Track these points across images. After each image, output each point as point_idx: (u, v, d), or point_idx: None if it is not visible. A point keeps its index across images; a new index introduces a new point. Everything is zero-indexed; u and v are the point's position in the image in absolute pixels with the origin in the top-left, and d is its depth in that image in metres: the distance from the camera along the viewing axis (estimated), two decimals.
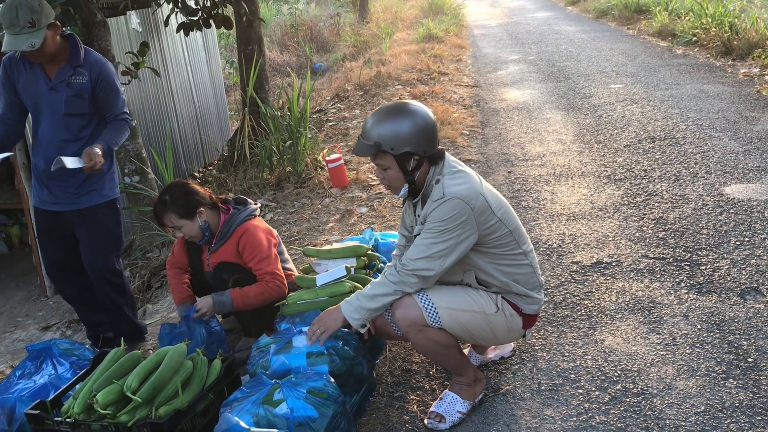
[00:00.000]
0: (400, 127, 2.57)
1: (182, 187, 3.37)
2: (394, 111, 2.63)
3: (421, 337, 2.65)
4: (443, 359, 2.77)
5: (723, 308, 3.31)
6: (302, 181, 6.45)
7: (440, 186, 2.60)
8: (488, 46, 13.99)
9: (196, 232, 3.32)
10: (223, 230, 3.34)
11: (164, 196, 3.30)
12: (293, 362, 2.73)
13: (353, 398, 2.81)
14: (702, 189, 4.83)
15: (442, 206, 2.55)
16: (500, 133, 7.11)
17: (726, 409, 2.62)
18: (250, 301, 3.22)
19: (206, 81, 9.23)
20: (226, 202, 3.45)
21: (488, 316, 2.70)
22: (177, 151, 8.07)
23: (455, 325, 2.65)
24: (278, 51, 16.89)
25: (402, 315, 2.63)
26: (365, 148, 2.61)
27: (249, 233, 3.30)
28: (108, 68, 3.46)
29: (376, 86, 10.30)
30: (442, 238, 2.55)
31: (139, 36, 7.38)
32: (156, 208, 3.31)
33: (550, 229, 4.48)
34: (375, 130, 2.59)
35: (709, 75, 8.64)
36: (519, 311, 2.78)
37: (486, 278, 2.73)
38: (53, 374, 3.20)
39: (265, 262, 3.27)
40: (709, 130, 6.21)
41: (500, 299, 2.74)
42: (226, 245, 3.34)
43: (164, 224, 3.33)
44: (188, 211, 3.28)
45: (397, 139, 2.57)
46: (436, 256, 2.57)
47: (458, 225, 2.55)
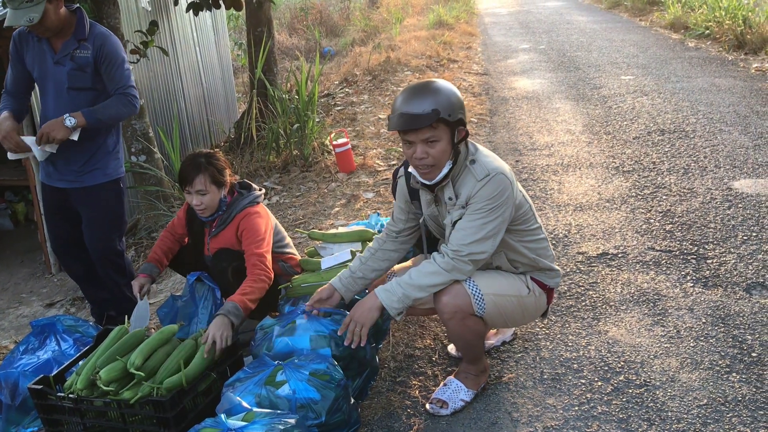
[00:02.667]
0: (449, 93, 2.45)
1: (216, 156, 3.33)
2: (432, 83, 2.50)
3: (462, 325, 2.59)
4: (471, 348, 2.72)
5: (728, 302, 3.30)
6: (309, 165, 6.43)
7: (479, 165, 2.52)
8: (499, 35, 13.91)
9: (215, 202, 3.27)
10: (225, 215, 3.31)
11: (199, 159, 3.23)
12: (297, 344, 2.73)
13: (355, 382, 2.80)
14: (710, 183, 4.80)
15: (489, 183, 2.48)
16: (509, 121, 7.08)
17: (729, 402, 2.61)
18: (253, 296, 3.06)
19: (214, 62, 9.19)
20: (232, 186, 3.43)
21: (522, 298, 2.70)
22: (184, 132, 8.05)
23: (495, 312, 2.62)
24: (287, 34, 16.83)
25: (449, 301, 2.55)
26: (422, 117, 2.40)
27: (249, 218, 3.26)
28: (111, 40, 3.41)
29: (385, 72, 10.25)
30: (491, 217, 2.49)
31: (148, 15, 7.35)
32: (188, 168, 3.21)
33: (556, 219, 4.46)
34: (427, 98, 2.42)
35: (720, 69, 8.57)
36: (544, 288, 2.78)
37: (516, 257, 2.70)
38: (57, 350, 3.21)
39: (255, 244, 3.18)
40: (719, 124, 6.17)
41: (529, 280, 2.74)
42: (227, 230, 3.31)
43: (193, 184, 3.23)
44: (220, 178, 3.25)
45: (453, 105, 2.44)
46: (487, 237, 2.50)
47: (505, 201, 2.50)
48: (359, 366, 2.82)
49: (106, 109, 3.38)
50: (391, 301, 2.54)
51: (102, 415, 2.68)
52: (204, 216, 3.32)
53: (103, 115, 3.37)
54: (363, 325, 2.57)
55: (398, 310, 2.55)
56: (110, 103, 3.39)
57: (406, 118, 2.43)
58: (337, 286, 2.82)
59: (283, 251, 3.55)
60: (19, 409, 3.06)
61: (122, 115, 3.46)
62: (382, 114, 7.95)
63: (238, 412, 2.33)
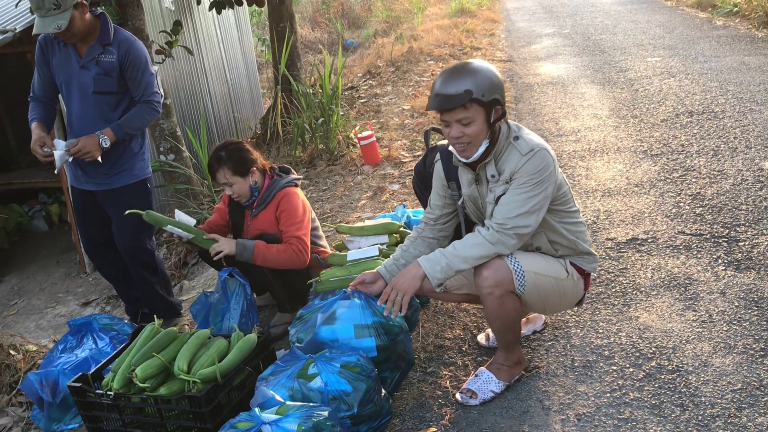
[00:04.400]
0: (486, 73, 2.48)
1: (238, 144, 3.48)
2: (469, 64, 2.53)
3: (499, 303, 2.59)
4: (507, 330, 2.70)
5: (762, 285, 3.25)
6: (334, 159, 6.46)
7: (523, 141, 2.54)
8: (522, 20, 13.79)
9: (245, 190, 3.39)
10: (264, 195, 3.41)
11: (220, 152, 3.38)
12: (341, 333, 2.74)
13: (394, 374, 2.83)
14: (741, 164, 4.73)
15: (534, 158, 2.50)
16: (534, 108, 7.03)
17: (764, 386, 2.58)
18: (272, 256, 3.23)
19: (239, 59, 9.26)
20: (272, 170, 3.52)
21: (560, 281, 2.71)
22: (211, 129, 8.13)
23: (535, 291, 2.63)
24: (310, 28, 16.86)
25: (490, 275, 2.56)
26: (454, 98, 2.43)
27: (287, 197, 3.38)
28: (137, 46, 3.47)
29: (407, 62, 10.24)
30: (536, 191, 2.51)
31: (172, 15, 7.42)
32: (211, 162, 3.41)
33: (584, 205, 4.43)
34: (462, 79, 2.45)
35: (750, 47, 8.40)
36: (582, 272, 2.78)
37: (556, 238, 2.71)
38: (94, 348, 3.29)
39: (296, 227, 3.31)
40: (749, 104, 6.06)
41: (568, 264, 2.74)
42: (267, 210, 3.42)
43: (217, 179, 3.40)
44: (242, 168, 3.36)
45: (487, 86, 2.46)
46: (532, 211, 2.51)
47: (548, 175, 2.52)
48: (398, 359, 2.84)
49: (132, 121, 3.48)
50: (434, 271, 2.56)
51: (140, 411, 2.75)
52: (241, 202, 3.44)
53: (130, 128, 3.48)
54: (405, 293, 2.58)
55: (440, 281, 2.57)
56: (135, 114, 3.47)
57: (440, 98, 2.48)
58: (382, 273, 2.85)
59: (316, 243, 3.60)
60: (60, 407, 3.15)
61: (147, 123, 3.56)
62: (406, 105, 7.95)
63: (271, 405, 2.37)
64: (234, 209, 3.59)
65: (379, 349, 2.72)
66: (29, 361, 3.72)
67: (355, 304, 2.80)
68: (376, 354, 2.72)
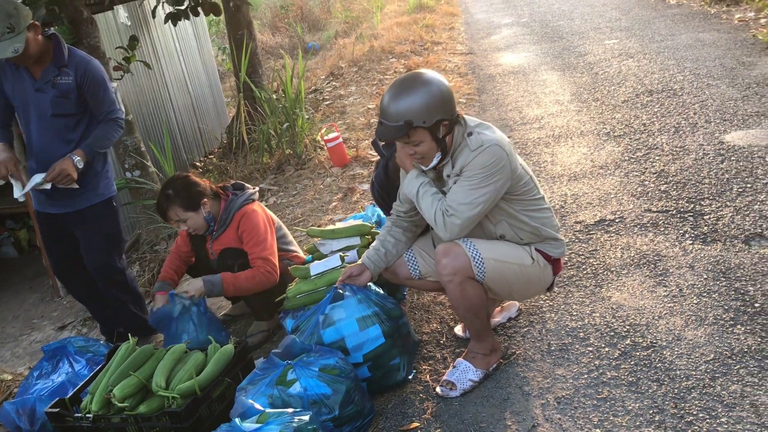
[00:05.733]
0: (426, 97, 2.51)
1: (184, 179, 3.39)
2: (412, 82, 2.55)
3: (460, 290, 2.64)
4: (473, 317, 2.74)
5: (728, 256, 3.32)
6: (302, 163, 6.45)
7: (475, 137, 2.59)
8: (480, 12, 13.86)
9: (201, 223, 3.35)
10: (222, 217, 3.37)
11: (167, 190, 3.32)
12: (345, 331, 2.77)
13: (404, 359, 2.86)
14: (702, 138, 4.80)
15: (483, 153, 2.54)
16: (497, 98, 7.07)
17: (735, 355, 2.64)
18: (241, 284, 3.22)
19: (200, 69, 9.19)
20: (225, 189, 3.47)
21: (525, 267, 2.73)
22: (176, 142, 8.07)
23: (497, 278, 2.67)
24: (270, 33, 16.79)
25: (449, 263, 2.61)
26: (395, 130, 2.52)
27: (247, 217, 3.33)
28: (93, 65, 3.44)
29: (370, 61, 10.25)
30: (483, 184, 2.54)
31: (128, 30, 7.34)
32: (160, 202, 3.33)
33: (552, 190, 4.47)
34: (401, 107, 2.50)
35: (704, 23, 8.54)
36: (549, 259, 2.81)
37: (518, 225, 2.74)
38: (70, 372, 3.26)
39: (260, 247, 3.27)
40: (706, 79, 6.16)
41: (533, 250, 2.77)
42: (227, 231, 3.37)
43: (169, 218, 3.35)
44: (192, 203, 3.30)
45: (427, 110, 2.50)
46: (476, 203, 2.55)
47: (498, 170, 2.55)
48: (404, 343, 2.87)
49: (101, 140, 3.46)
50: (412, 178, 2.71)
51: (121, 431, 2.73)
52: (202, 233, 3.39)
53: (99, 147, 3.46)
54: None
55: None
56: (101, 133, 3.45)
57: (383, 128, 2.57)
58: (366, 263, 2.90)
59: (287, 249, 3.59)
60: None
61: (113, 141, 3.55)
62: (371, 104, 7.96)
63: (252, 414, 2.37)
64: (194, 236, 3.53)
65: (386, 335, 2.76)
66: (5, 391, 3.68)
67: (350, 300, 2.82)
68: (384, 340, 2.76)
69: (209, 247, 3.47)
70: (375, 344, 2.77)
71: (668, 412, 2.43)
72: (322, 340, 2.78)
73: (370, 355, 2.77)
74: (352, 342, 2.76)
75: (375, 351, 2.77)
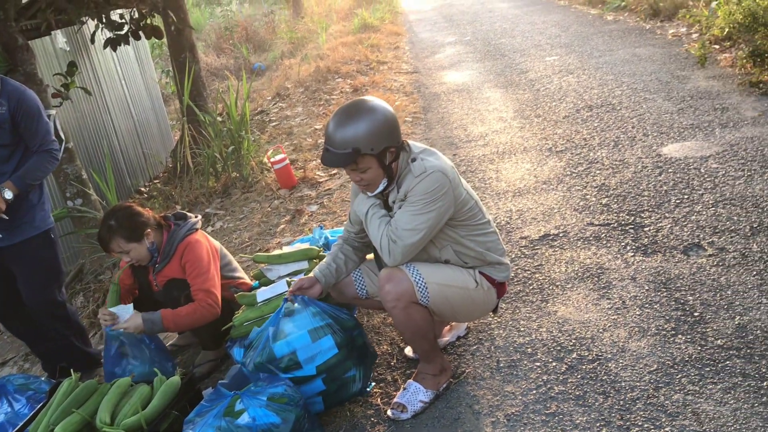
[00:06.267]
0: (372, 124, 2.50)
1: (127, 210, 3.30)
2: (357, 110, 2.54)
3: (405, 314, 2.64)
4: (419, 340, 2.75)
5: (668, 267, 3.40)
6: (249, 186, 6.40)
7: (419, 163, 2.59)
8: (424, 31, 14.03)
9: (144, 254, 3.27)
10: (166, 248, 3.29)
11: (109, 221, 3.22)
12: (297, 343, 2.72)
13: (359, 370, 2.83)
14: (640, 152, 4.94)
15: (426, 180, 2.54)
16: (442, 116, 7.15)
17: (677, 364, 2.70)
18: (182, 320, 3.13)
19: (143, 93, 9.07)
20: (167, 219, 3.40)
21: (469, 291, 2.74)
22: (119, 168, 7.92)
23: (441, 301, 2.67)
24: (215, 55, 16.67)
25: (392, 288, 2.61)
26: (343, 157, 2.50)
27: (190, 247, 3.26)
28: (27, 96, 3.35)
29: (316, 81, 10.26)
30: (424, 210, 2.55)
31: (67, 55, 7.20)
32: (101, 234, 3.23)
33: (497, 207, 4.53)
34: (347, 135, 2.49)
35: (639, 38, 8.81)
36: (493, 282, 2.82)
37: (463, 250, 2.75)
38: (9, 411, 3.14)
39: (201, 279, 3.20)
40: (643, 93, 6.35)
41: (478, 274, 2.78)
42: (171, 263, 3.29)
43: (111, 249, 3.26)
44: (135, 234, 3.22)
45: (375, 138, 2.51)
46: (418, 229, 2.55)
47: (441, 197, 2.56)
48: (359, 355, 2.84)
49: (33, 172, 3.36)
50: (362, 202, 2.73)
51: None
52: (143, 264, 3.32)
53: (31, 179, 3.36)
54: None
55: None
56: (35, 164, 3.36)
57: (330, 156, 2.55)
58: (318, 276, 2.88)
59: (232, 275, 3.54)
60: None
61: (48, 173, 3.44)
62: (317, 125, 7.95)
63: None
64: (137, 268, 3.45)
65: (339, 345, 2.73)
66: None
67: (302, 312, 2.79)
68: (337, 351, 2.73)
69: (152, 279, 3.39)
70: (328, 355, 2.74)
71: (615, 424, 2.47)
72: (273, 354, 2.73)
73: (324, 366, 2.74)
74: (305, 354, 2.72)
75: (328, 362, 2.74)
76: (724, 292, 3.10)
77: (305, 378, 2.74)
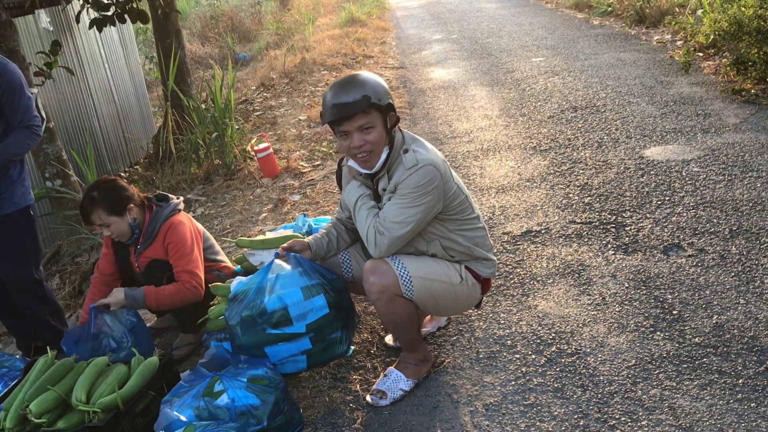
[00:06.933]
0: (376, 81, 2.56)
1: (110, 182, 3.27)
2: (355, 77, 2.58)
3: (389, 306, 2.64)
4: (404, 332, 2.76)
5: (648, 265, 3.44)
6: (232, 173, 6.36)
7: (411, 154, 2.59)
8: (411, 27, 14.04)
9: (125, 229, 3.24)
10: (148, 229, 3.26)
11: (92, 192, 3.19)
12: (289, 298, 2.69)
13: (345, 333, 2.83)
14: (623, 153, 4.98)
15: (417, 173, 2.55)
16: (428, 112, 7.16)
17: (655, 360, 2.73)
18: (164, 299, 3.11)
19: (126, 77, 8.97)
20: (149, 200, 3.37)
21: (453, 285, 2.74)
22: (100, 152, 7.84)
23: (425, 295, 2.67)
24: (200, 43, 16.54)
25: (377, 281, 2.61)
26: (353, 104, 2.48)
27: (173, 228, 3.23)
28: (10, 68, 3.29)
29: (301, 73, 10.23)
30: (414, 203, 2.55)
31: (50, 35, 7.11)
32: (83, 205, 3.19)
33: (480, 202, 4.55)
34: (356, 85, 2.52)
35: (625, 44, 8.89)
36: (478, 278, 2.83)
37: (450, 245, 2.75)
38: None
39: (185, 260, 3.17)
40: (627, 97, 6.41)
41: (463, 269, 2.78)
42: (154, 244, 3.26)
43: (92, 222, 3.21)
44: (118, 207, 3.19)
45: (381, 91, 2.55)
46: (407, 222, 2.56)
47: (431, 190, 2.56)
48: (344, 317, 2.83)
49: (12, 147, 3.30)
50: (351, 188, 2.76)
51: None
52: (123, 240, 3.28)
53: (11, 155, 3.30)
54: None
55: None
56: (14, 140, 3.29)
57: (339, 107, 2.51)
58: (310, 243, 2.88)
59: (215, 259, 3.52)
60: None
61: (28, 149, 3.38)
62: (302, 116, 7.93)
63: (177, 427, 2.31)
64: (118, 248, 3.41)
65: (330, 305, 2.72)
66: None
67: (295, 269, 2.77)
68: (328, 311, 2.72)
69: (134, 260, 3.36)
70: (319, 314, 2.71)
71: (592, 416, 2.49)
72: (265, 308, 2.68)
73: (313, 325, 2.71)
74: (296, 311, 2.69)
75: (318, 322, 2.72)
76: (702, 291, 3.14)
77: (293, 335, 2.70)
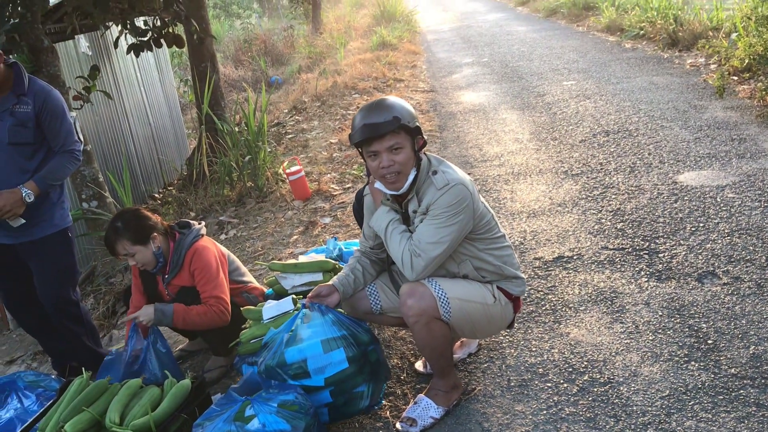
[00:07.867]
0: (404, 105, 2.61)
1: (134, 212, 3.34)
2: (383, 100, 2.63)
3: (427, 330, 2.63)
4: (437, 356, 2.75)
5: (682, 293, 3.39)
6: (264, 196, 6.43)
7: (440, 175, 2.63)
8: (442, 51, 14.11)
9: (149, 258, 3.29)
10: (174, 258, 3.31)
11: (116, 223, 3.26)
12: (308, 351, 2.72)
13: (369, 387, 2.82)
14: (656, 178, 4.94)
15: (449, 192, 2.58)
16: (458, 135, 7.18)
17: (690, 391, 2.68)
18: (192, 319, 3.15)
19: (161, 100, 9.15)
20: (172, 228, 3.42)
21: (487, 306, 2.75)
22: (135, 173, 7.98)
23: (461, 317, 2.67)
24: (233, 66, 16.82)
25: (415, 303, 2.60)
26: (384, 124, 2.53)
27: (198, 254, 3.28)
28: (53, 95, 3.40)
29: (333, 96, 10.32)
30: (448, 223, 2.58)
31: (89, 59, 7.29)
32: (108, 235, 3.26)
33: (511, 227, 4.53)
34: (386, 107, 2.57)
35: (657, 67, 8.83)
36: (510, 297, 2.83)
37: (482, 265, 2.76)
38: (19, 408, 3.15)
39: (211, 285, 3.22)
40: (660, 121, 6.35)
41: (495, 289, 2.79)
42: (181, 272, 3.30)
43: (117, 252, 3.27)
44: (141, 236, 3.24)
45: (409, 114, 2.59)
46: (442, 242, 2.58)
47: (463, 209, 2.59)
48: (372, 370, 2.83)
49: (55, 172, 3.40)
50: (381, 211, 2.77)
51: None
52: (150, 269, 3.33)
53: (53, 179, 3.40)
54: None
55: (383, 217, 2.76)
56: (57, 164, 3.39)
57: (369, 127, 2.56)
58: (336, 285, 2.88)
59: (241, 281, 3.55)
60: None
61: (69, 173, 3.50)
62: (333, 138, 7.99)
63: None
64: (146, 278, 3.47)
65: (350, 360, 2.72)
66: None
67: (318, 320, 2.79)
68: (347, 365, 2.72)
69: (163, 289, 3.40)
70: (337, 368, 2.73)
71: None
72: (284, 359, 2.72)
73: (332, 379, 2.73)
74: (314, 364, 2.71)
75: (337, 376, 2.73)
76: (738, 321, 3.09)
77: (312, 388, 2.73)
